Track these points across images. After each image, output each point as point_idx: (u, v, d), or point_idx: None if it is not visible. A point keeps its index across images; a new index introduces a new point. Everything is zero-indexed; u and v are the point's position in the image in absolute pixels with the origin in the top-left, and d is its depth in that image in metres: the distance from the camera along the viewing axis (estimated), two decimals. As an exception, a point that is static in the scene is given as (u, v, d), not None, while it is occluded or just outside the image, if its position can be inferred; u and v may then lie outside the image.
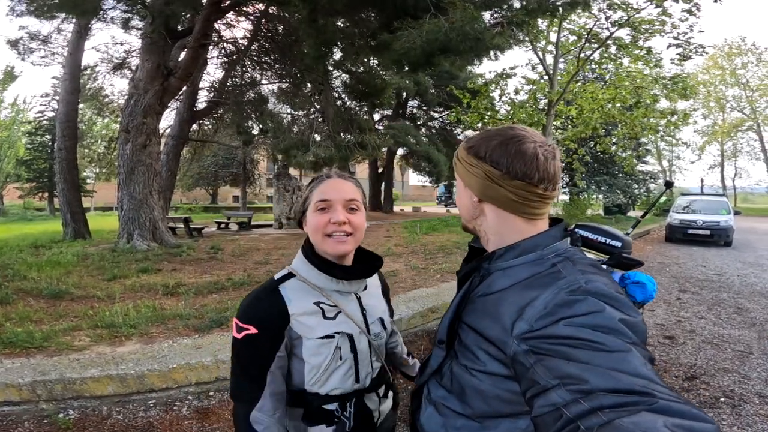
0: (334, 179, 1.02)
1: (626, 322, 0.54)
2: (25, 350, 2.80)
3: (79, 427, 2.34)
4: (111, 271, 5.67)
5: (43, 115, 25.06)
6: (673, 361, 3.46)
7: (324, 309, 0.98)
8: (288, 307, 0.95)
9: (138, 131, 8.99)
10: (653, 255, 9.82)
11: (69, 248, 7.50)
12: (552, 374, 0.51)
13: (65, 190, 10.17)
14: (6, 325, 3.24)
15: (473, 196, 0.77)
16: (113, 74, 15.36)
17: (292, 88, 12.46)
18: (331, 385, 1.00)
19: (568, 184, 23.52)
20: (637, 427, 0.39)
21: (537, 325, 0.58)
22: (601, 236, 3.68)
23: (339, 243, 0.97)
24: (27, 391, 2.41)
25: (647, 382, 0.46)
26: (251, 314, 0.95)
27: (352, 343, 1.00)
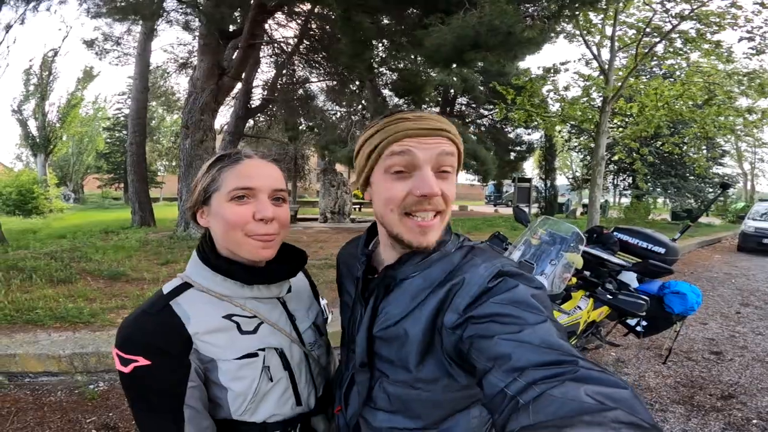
0: (255, 160, 0.78)
1: (536, 296, 0.57)
2: (73, 325, 3.16)
3: (104, 398, 2.60)
4: (165, 256, 6.17)
5: (120, 112, 27.54)
6: (713, 378, 3.18)
7: (239, 322, 0.76)
8: (187, 326, 0.72)
9: (196, 127, 9.65)
10: (720, 265, 8.97)
11: (134, 234, 8.23)
12: (485, 356, 0.53)
13: (135, 181, 11.16)
14: (61, 301, 3.66)
15: None
16: (179, 73, 16.60)
17: (338, 85, 12.73)
18: (265, 413, 0.78)
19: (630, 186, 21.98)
20: (565, 396, 0.42)
21: (465, 312, 0.59)
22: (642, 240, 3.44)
23: (263, 248, 0.75)
24: (66, 362, 2.73)
25: (567, 352, 0.49)
26: (135, 341, 0.70)
27: (283, 358, 0.80)
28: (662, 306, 2.84)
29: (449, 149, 0.65)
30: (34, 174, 15.87)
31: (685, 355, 3.65)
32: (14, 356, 2.70)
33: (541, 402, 0.43)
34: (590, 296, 2.45)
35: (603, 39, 9.48)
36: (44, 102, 20.31)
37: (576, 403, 0.41)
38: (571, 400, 0.41)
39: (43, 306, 3.45)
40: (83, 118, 23.72)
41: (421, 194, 0.63)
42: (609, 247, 3.15)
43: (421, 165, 0.63)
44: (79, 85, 22.30)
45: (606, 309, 2.92)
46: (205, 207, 0.78)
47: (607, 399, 0.41)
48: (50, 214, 14.04)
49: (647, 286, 3.02)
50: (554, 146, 20.07)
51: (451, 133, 0.67)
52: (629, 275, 3.03)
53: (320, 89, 14.87)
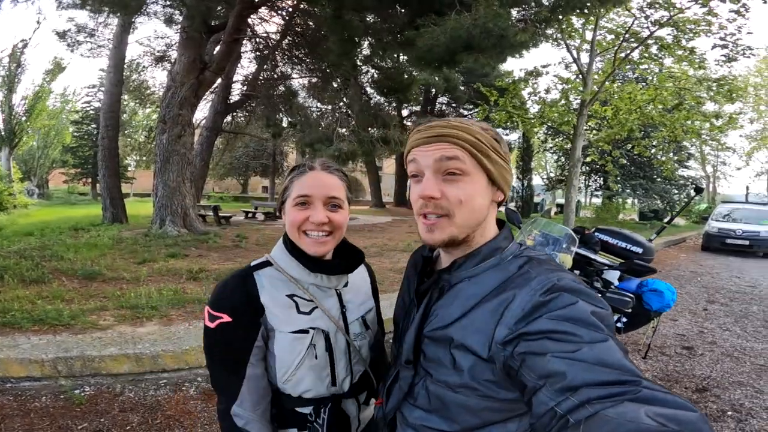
0: (317, 172, 0.91)
1: (597, 314, 0.55)
2: (53, 327, 3.04)
3: (92, 403, 2.50)
4: (142, 254, 5.99)
5: (89, 105, 26.50)
6: (687, 372, 3.35)
7: (298, 302, 0.91)
8: (260, 295, 0.89)
9: (174, 122, 9.36)
10: (686, 263, 9.40)
11: (106, 232, 7.95)
12: (536, 374, 0.51)
13: (106, 176, 10.75)
14: (38, 303, 3.51)
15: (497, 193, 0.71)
16: (155, 67, 16.07)
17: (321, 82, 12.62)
18: (304, 386, 0.92)
19: (602, 186, 22.75)
20: (622, 417, 0.40)
21: (516, 328, 0.57)
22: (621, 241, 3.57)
23: (317, 244, 0.89)
24: (49, 367, 2.62)
25: (629, 372, 0.47)
26: (223, 301, 0.88)
27: (328, 341, 0.92)
28: (641, 303, 3.00)
29: (450, 153, 0.66)
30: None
31: (659, 350, 3.83)
32: None
33: (595, 422, 0.41)
34: None
35: (583, 43, 9.78)
36: (11, 94, 19.30)
37: (634, 425, 0.39)
38: (628, 422, 0.39)
39: (19, 308, 3.29)
40: (50, 111, 22.68)
41: (420, 196, 0.68)
42: (591, 247, 3.29)
43: (423, 170, 0.68)
44: (47, 77, 21.30)
45: None
46: (283, 207, 0.94)
47: (671, 422, 0.38)
48: (14, 210, 13.36)
49: (626, 284, 3.17)
50: (531, 147, 20.54)
51: (457, 140, 0.67)
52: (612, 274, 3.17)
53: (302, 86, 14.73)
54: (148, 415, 2.43)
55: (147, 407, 2.50)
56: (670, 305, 2.99)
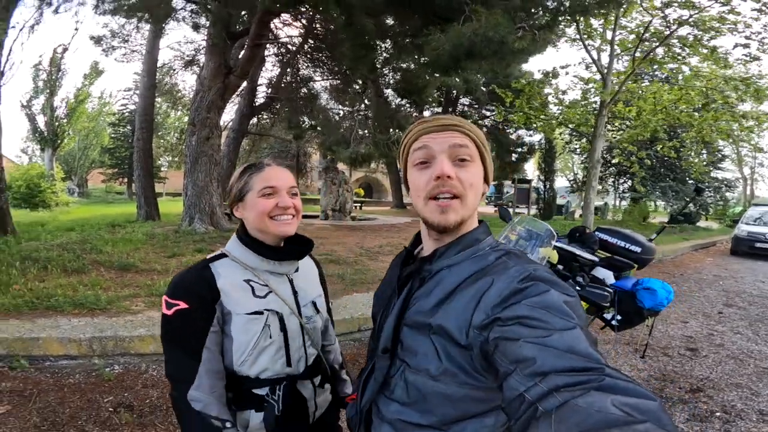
0: (274, 167, 1.04)
1: (569, 303, 0.57)
2: (91, 311, 3.41)
3: (120, 380, 2.81)
4: (171, 249, 6.41)
5: (125, 108, 27.85)
6: (685, 372, 3.40)
7: (254, 287, 0.99)
8: (217, 281, 0.96)
9: (202, 125, 9.84)
10: (710, 267, 9.16)
11: (140, 228, 8.47)
12: (508, 359, 0.53)
13: (141, 176, 11.38)
14: (80, 288, 3.91)
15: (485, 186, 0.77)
16: (185, 70, 16.85)
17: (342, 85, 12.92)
18: (260, 366, 0.98)
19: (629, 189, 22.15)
20: (591, 406, 0.41)
21: (493, 312, 0.59)
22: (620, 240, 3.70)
23: (285, 225, 1.01)
24: (85, 346, 2.95)
25: (594, 360, 0.48)
26: (180, 289, 0.94)
27: (282, 323, 1.00)
28: (635, 301, 3.09)
29: (461, 141, 0.72)
30: (42, 168, 16.15)
31: (662, 351, 3.87)
32: (38, 339, 2.93)
33: (565, 411, 0.42)
34: None
35: (603, 43, 9.69)
36: (53, 98, 20.62)
37: (602, 415, 0.40)
38: (597, 411, 0.40)
39: (61, 293, 3.70)
40: (89, 114, 24.02)
41: (436, 176, 0.70)
42: (589, 246, 3.39)
43: (436, 155, 0.72)
44: (86, 81, 22.58)
45: (584, 304, 3.15)
46: (240, 203, 1.03)
47: (635, 411, 0.40)
48: (56, 208, 14.32)
49: (622, 282, 3.26)
50: (554, 148, 20.25)
51: (464, 127, 0.73)
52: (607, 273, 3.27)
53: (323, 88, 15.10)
54: (166, 391, 2.68)
55: (166, 384, 2.77)
56: (663, 304, 3.08)
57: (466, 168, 0.71)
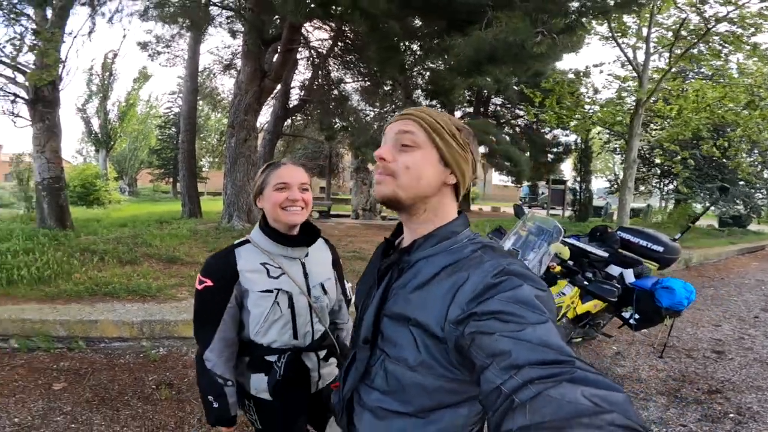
0: (289, 166, 1.22)
1: (540, 298, 0.59)
2: (143, 297, 3.81)
3: (163, 361, 3.16)
4: (213, 244, 6.88)
5: (170, 111, 29.33)
6: (707, 374, 3.39)
7: (269, 269, 1.17)
8: (238, 264, 1.16)
9: (240, 127, 10.35)
10: (755, 272, 8.73)
11: (184, 225, 9.08)
12: (485, 353, 0.54)
13: (185, 176, 12.13)
14: (133, 277, 4.36)
15: (449, 176, 0.76)
16: (223, 74, 17.64)
17: (372, 86, 13.16)
18: (270, 336, 1.16)
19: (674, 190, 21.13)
20: (563, 397, 0.43)
21: (468, 308, 0.60)
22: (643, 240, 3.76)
23: (294, 214, 1.18)
24: (136, 328, 3.33)
25: (566, 354, 0.50)
26: (209, 270, 1.17)
27: (291, 301, 1.17)
28: (653, 300, 3.11)
29: (406, 128, 0.75)
30: (97, 168, 17.47)
31: (686, 353, 3.84)
32: (96, 322, 3.32)
33: (538, 402, 0.44)
34: (573, 284, 2.77)
35: (639, 41, 9.41)
36: (106, 101, 22.20)
37: (573, 405, 0.42)
38: (568, 402, 0.42)
39: (117, 281, 4.15)
40: (139, 117, 25.61)
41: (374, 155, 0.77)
42: (609, 245, 3.44)
43: (386, 140, 0.78)
44: (136, 85, 24.09)
45: (601, 302, 3.20)
46: (260, 196, 1.24)
47: (604, 402, 0.42)
48: (109, 205, 15.46)
49: (642, 281, 3.29)
50: (590, 148, 19.65)
51: (416, 117, 0.75)
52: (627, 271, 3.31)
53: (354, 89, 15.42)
54: None
55: None
56: (683, 304, 3.11)
57: (407, 152, 0.74)
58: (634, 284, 3.29)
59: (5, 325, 3.22)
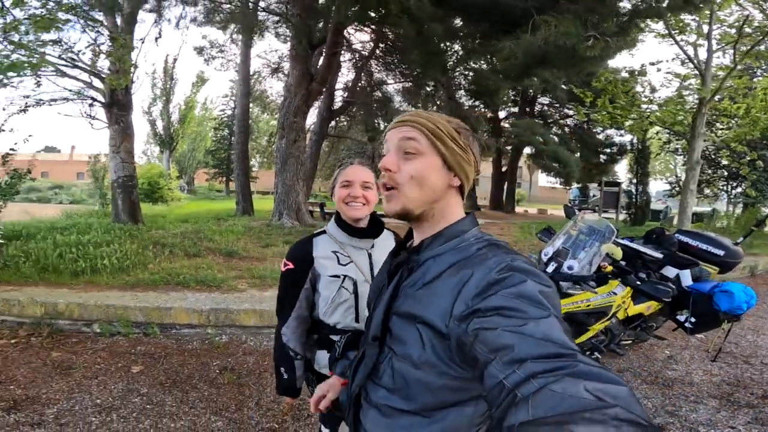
0: (355, 166, 1.35)
1: (544, 293, 0.59)
2: (209, 287, 4.20)
3: (225, 347, 3.45)
4: (265, 240, 7.34)
5: (223, 113, 30.93)
6: (764, 381, 3.26)
7: (339, 257, 1.32)
8: (313, 251, 1.32)
9: (290, 129, 10.79)
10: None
11: (239, 221, 9.70)
12: (488, 348, 0.54)
13: (239, 175, 12.87)
14: (200, 269, 4.80)
15: (454, 178, 0.77)
16: (271, 77, 18.36)
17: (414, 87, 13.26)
18: (335, 318, 1.29)
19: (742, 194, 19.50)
20: (565, 391, 0.43)
21: (472, 303, 0.61)
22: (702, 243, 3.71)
23: (354, 210, 1.31)
24: (204, 316, 3.66)
25: (568, 348, 0.50)
26: (292, 254, 1.34)
27: (356, 287, 1.29)
28: (711, 304, 3.03)
29: (408, 134, 0.75)
30: (161, 168, 18.90)
31: (743, 359, 3.66)
32: (170, 309, 3.70)
33: (541, 397, 0.44)
34: (624, 283, 2.79)
35: (700, 38, 8.89)
36: (169, 105, 23.92)
37: (575, 400, 0.42)
38: (570, 396, 0.42)
39: (187, 272, 4.60)
40: (197, 119, 27.33)
41: (379, 167, 0.77)
42: (666, 248, 3.36)
43: (389, 148, 0.78)
44: (194, 89, 25.73)
45: (654, 304, 3.16)
46: (333, 190, 1.40)
47: (607, 396, 0.42)
48: (172, 203, 16.71)
49: (701, 285, 3.21)
50: (648, 149, 18.57)
51: (416, 123, 0.75)
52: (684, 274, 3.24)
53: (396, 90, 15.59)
54: (260, 359, 3.28)
55: (260, 353, 3.38)
56: (742, 308, 3.02)
57: (410, 161, 0.75)
58: (692, 287, 3.21)
59: (90, 310, 3.66)
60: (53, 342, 3.41)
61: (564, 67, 5.00)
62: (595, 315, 2.77)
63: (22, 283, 4.23)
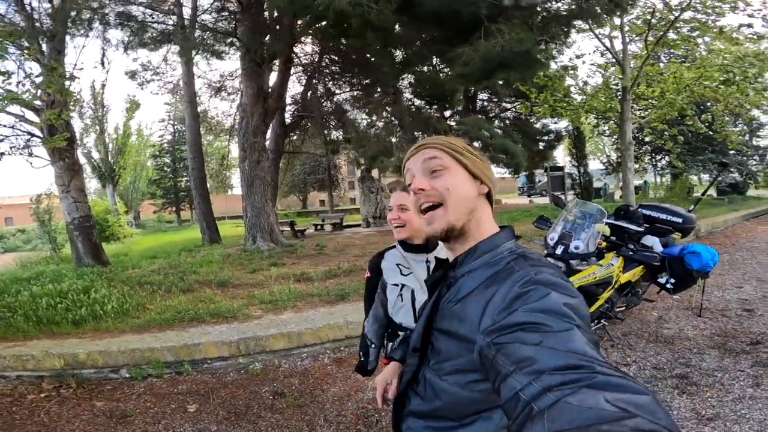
0: (397, 192, 1.50)
1: (569, 305, 0.59)
2: (226, 319, 4.15)
3: (264, 374, 3.42)
4: (249, 266, 7.20)
5: (162, 139, 29.39)
6: (744, 329, 3.75)
7: (401, 269, 1.54)
8: (383, 263, 1.58)
9: (252, 149, 10.53)
10: (763, 235, 9.16)
11: (212, 251, 9.36)
12: (510, 360, 0.55)
13: (200, 203, 12.27)
14: (214, 301, 4.70)
15: (482, 187, 0.80)
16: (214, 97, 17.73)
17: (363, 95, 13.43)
18: (399, 317, 1.53)
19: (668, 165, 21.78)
20: (582, 403, 0.42)
21: (498, 318, 0.62)
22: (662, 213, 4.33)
23: (397, 232, 1.49)
24: (234, 347, 3.61)
25: (588, 358, 0.50)
26: (370, 265, 1.66)
27: (412, 294, 1.50)
28: (683, 265, 3.57)
29: (431, 154, 0.79)
30: (107, 204, 17.69)
31: (720, 313, 4.22)
32: (198, 345, 3.61)
33: (557, 410, 0.43)
34: (618, 255, 3.31)
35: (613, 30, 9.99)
36: (104, 134, 22.42)
37: (594, 411, 0.41)
38: (588, 408, 0.41)
39: (194, 308, 4.47)
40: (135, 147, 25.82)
41: (412, 190, 0.81)
42: (635, 221, 3.90)
43: (415, 173, 0.81)
44: (127, 115, 24.30)
45: (639, 270, 3.65)
46: None
47: (629, 405, 0.41)
48: (125, 239, 15.72)
49: (670, 249, 3.75)
50: (583, 133, 20.24)
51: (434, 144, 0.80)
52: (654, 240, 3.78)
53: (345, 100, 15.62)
54: (303, 379, 3.31)
55: (300, 373, 3.39)
56: (710, 265, 3.56)
57: (440, 176, 0.78)
58: (664, 252, 3.74)
59: (115, 356, 3.51)
60: (87, 392, 3.25)
61: (521, 70, 5.51)
62: (603, 285, 3.20)
63: (21, 338, 3.96)
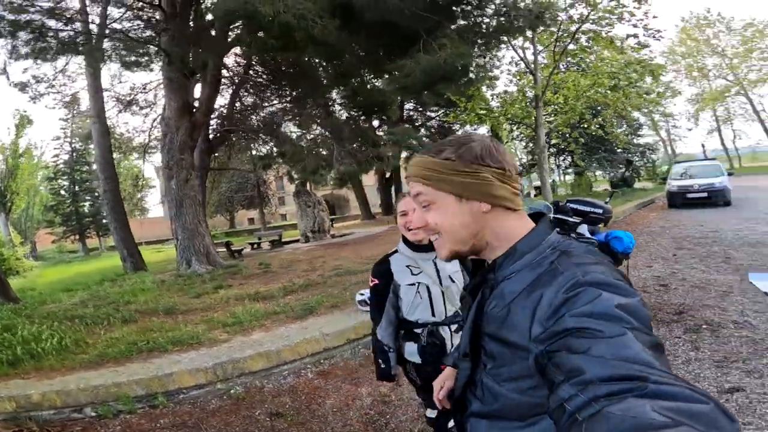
0: (407, 198, 1.60)
1: (623, 307, 0.56)
2: (191, 346, 3.80)
3: (249, 396, 3.20)
4: (191, 291, 6.67)
5: (58, 158, 25.86)
6: (665, 302, 4.32)
7: (411, 269, 1.65)
8: (391, 267, 1.66)
9: (179, 167, 9.75)
10: (656, 221, 10.46)
11: (142, 278, 8.48)
12: (560, 370, 0.54)
13: (117, 228, 11.03)
14: (156, 331, 4.27)
15: (480, 206, 0.74)
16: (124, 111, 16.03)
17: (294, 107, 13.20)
18: (416, 315, 1.62)
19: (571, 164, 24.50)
20: (626, 413, 0.41)
21: (547, 325, 0.60)
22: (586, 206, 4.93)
23: (413, 234, 1.62)
24: (210, 373, 3.34)
25: (642, 366, 0.47)
26: (375, 272, 1.70)
27: (428, 289, 1.62)
28: (609, 248, 4.13)
29: (415, 191, 0.79)
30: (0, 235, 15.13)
31: (641, 289, 4.80)
32: (171, 375, 3.27)
33: (597, 420, 0.43)
34: None
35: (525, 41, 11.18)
36: (-10, 156, 19.19)
37: (636, 420, 0.40)
38: (632, 417, 0.40)
39: (144, 338, 4.02)
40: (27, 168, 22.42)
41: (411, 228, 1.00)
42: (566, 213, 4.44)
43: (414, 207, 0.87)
44: (18, 133, 21.12)
45: None
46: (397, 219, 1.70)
47: (680, 415, 0.39)
48: (25, 273, 13.56)
49: (597, 236, 4.31)
50: (500, 138, 22.02)
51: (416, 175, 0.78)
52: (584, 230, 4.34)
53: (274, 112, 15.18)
54: (293, 396, 3.16)
55: (288, 392, 3.23)
56: (630, 247, 4.16)
57: (429, 212, 0.78)
58: (593, 239, 4.30)
59: (75, 395, 3.06)
60: (55, 435, 2.77)
61: (460, 81, 5.93)
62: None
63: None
